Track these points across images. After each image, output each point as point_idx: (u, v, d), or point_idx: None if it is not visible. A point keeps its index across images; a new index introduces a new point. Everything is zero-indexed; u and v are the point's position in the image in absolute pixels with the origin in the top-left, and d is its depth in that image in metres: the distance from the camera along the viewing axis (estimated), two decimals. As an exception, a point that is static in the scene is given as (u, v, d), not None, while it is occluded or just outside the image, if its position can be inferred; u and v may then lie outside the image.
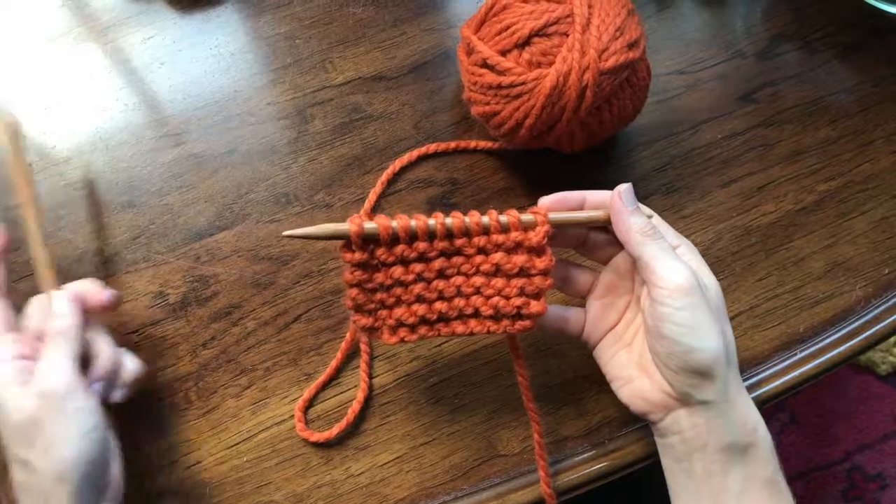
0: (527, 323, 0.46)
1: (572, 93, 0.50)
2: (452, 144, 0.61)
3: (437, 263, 0.45)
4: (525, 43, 0.52)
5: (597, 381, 0.56)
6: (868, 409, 1.27)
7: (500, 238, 0.45)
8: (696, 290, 0.43)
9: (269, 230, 0.59)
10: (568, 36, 0.51)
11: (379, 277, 0.45)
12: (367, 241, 0.44)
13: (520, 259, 0.45)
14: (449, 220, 0.45)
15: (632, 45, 0.52)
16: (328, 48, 0.65)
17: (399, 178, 0.61)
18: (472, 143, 0.61)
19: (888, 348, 1.29)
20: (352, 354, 0.56)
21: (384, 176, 0.60)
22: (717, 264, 0.59)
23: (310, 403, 0.55)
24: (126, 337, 0.56)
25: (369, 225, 0.44)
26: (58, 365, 0.44)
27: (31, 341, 0.47)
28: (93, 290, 0.50)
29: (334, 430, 0.53)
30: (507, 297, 0.46)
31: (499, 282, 0.46)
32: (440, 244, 0.45)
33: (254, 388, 0.55)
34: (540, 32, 0.52)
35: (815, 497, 1.23)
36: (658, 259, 0.44)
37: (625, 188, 0.46)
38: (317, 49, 0.65)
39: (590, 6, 0.52)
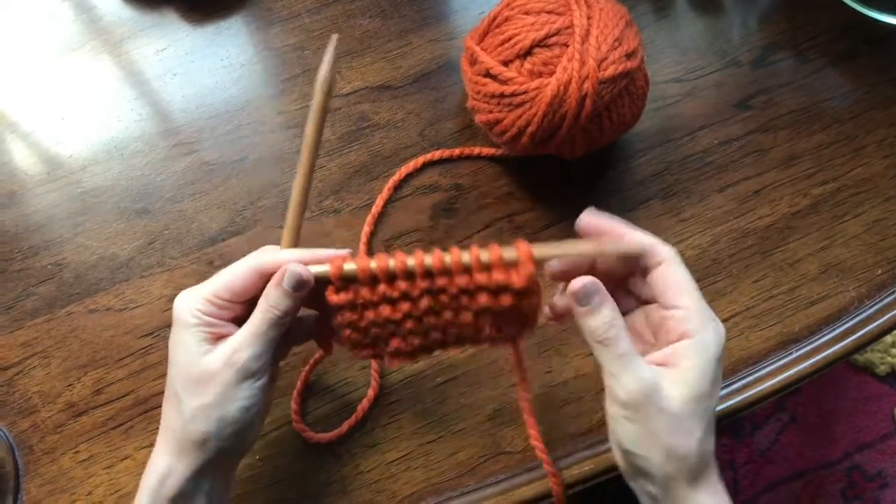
0: (522, 336, 0.46)
1: (572, 101, 0.52)
2: (456, 151, 0.63)
3: (424, 302, 0.44)
4: (527, 53, 0.54)
5: (597, 381, 0.57)
6: (867, 409, 1.28)
7: (482, 278, 0.42)
8: (638, 408, 0.41)
9: (279, 235, 0.60)
10: (568, 47, 0.53)
11: (370, 315, 0.44)
12: (350, 280, 0.44)
13: (506, 300, 0.43)
14: (428, 260, 0.42)
15: (630, 55, 0.54)
16: (336, 59, 0.66)
17: (405, 185, 0.63)
18: (476, 150, 0.63)
19: (886, 349, 1.31)
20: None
21: (390, 182, 0.62)
22: (714, 266, 0.61)
23: (305, 409, 0.57)
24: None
25: (348, 266, 0.43)
26: (253, 341, 0.44)
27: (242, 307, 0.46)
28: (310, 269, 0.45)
29: (344, 427, 0.55)
30: (499, 328, 0.45)
31: (488, 318, 0.44)
32: (422, 284, 0.43)
33: (266, 388, 0.57)
34: (541, 43, 0.53)
35: (814, 496, 1.24)
36: (609, 367, 0.43)
37: (578, 286, 0.43)
38: (325, 60, 0.67)
39: (589, 18, 0.53)
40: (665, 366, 0.43)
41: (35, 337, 0.58)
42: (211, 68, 0.67)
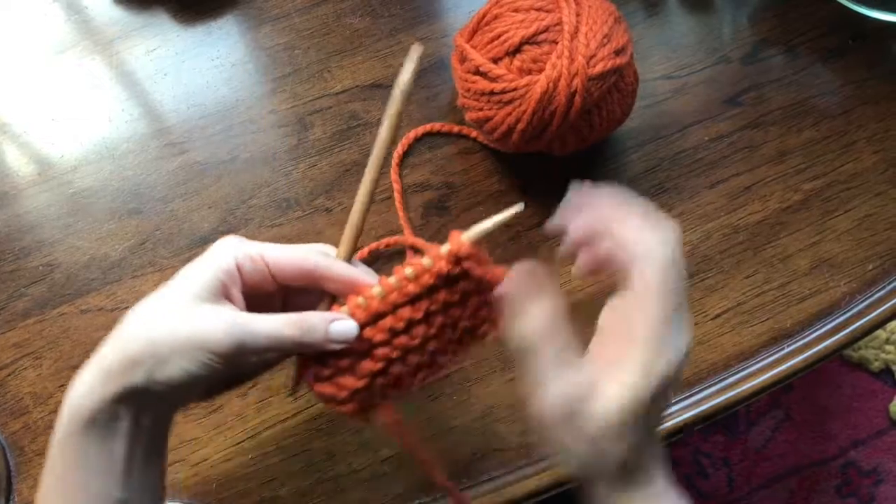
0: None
1: (562, 98, 0.52)
2: (455, 128, 0.64)
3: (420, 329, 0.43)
4: (516, 51, 0.54)
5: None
6: (861, 405, 1.29)
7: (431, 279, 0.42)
8: (558, 427, 0.38)
9: (270, 234, 0.61)
10: (557, 43, 0.53)
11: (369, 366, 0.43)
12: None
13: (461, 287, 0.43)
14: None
15: (619, 52, 0.54)
16: (326, 58, 0.67)
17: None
18: (474, 133, 0.63)
19: (880, 346, 1.31)
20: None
21: (396, 158, 0.63)
22: (705, 262, 0.61)
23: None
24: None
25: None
26: (260, 335, 0.39)
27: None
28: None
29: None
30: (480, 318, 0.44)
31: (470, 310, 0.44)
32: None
33: (258, 388, 0.57)
34: (530, 40, 0.54)
35: (810, 493, 1.24)
36: (533, 376, 0.39)
37: (505, 290, 0.41)
38: (315, 59, 0.67)
39: (578, 14, 0.54)
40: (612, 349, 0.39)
41: (26, 338, 0.58)
42: (202, 68, 0.67)
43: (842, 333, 0.59)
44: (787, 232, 0.62)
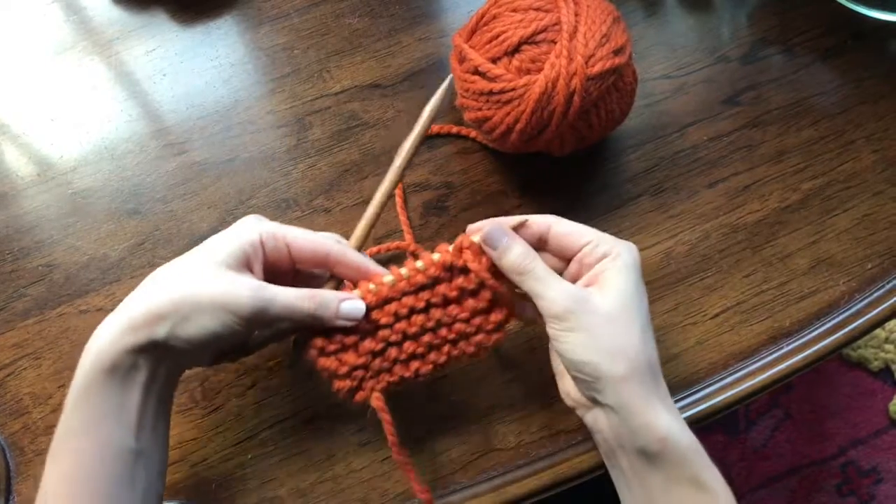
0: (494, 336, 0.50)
1: (560, 98, 0.52)
2: (455, 128, 0.64)
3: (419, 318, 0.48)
4: (514, 50, 0.54)
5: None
6: (861, 404, 1.29)
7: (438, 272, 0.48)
8: (572, 316, 0.44)
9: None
10: (556, 43, 0.53)
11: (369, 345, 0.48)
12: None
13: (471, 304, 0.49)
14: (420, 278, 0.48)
15: (618, 51, 0.54)
16: (325, 58, 0.67)
17: (395, 183, 0.63)
18: (473, 133, 0.64)
19: (879, 345, 1.31)
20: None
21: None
22: (704, 262, 0.61)
23: (295, 408, 0.57)
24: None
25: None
26: (279, 304, 0.44)
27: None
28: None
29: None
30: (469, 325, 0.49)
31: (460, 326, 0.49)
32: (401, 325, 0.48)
33: (258, 388, 0.57)
34: (529, 40, 0.54)
35: (810, 492, 1.24)
36: (536, 291, 0.45)
37: (484, 233, 0.47)
38: (314, 59, 0.67)
39: (577, 14, 0.54)
40: (589, 285, 0.47)
41: (26, 338, 0.58)
42: (201, 68, 0.67)
43: (841, 332, 0.59)
44: (786, 231, 0.62)
